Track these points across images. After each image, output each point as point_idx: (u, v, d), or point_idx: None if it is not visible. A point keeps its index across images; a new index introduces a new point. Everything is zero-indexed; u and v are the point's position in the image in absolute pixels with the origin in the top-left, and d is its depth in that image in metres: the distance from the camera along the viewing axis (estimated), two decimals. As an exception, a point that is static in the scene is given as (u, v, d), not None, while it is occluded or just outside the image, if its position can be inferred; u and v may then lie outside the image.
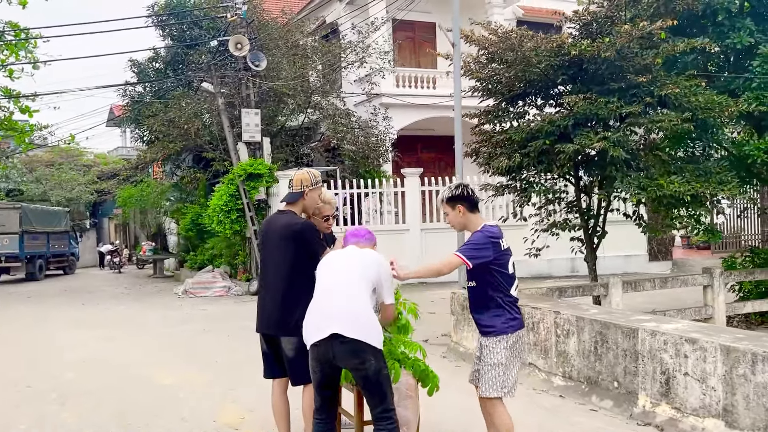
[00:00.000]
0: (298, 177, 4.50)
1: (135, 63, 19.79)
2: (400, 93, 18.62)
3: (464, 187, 4.15)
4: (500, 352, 4.02)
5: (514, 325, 4.06)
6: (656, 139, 9.11)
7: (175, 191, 20.98)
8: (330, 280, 3.93)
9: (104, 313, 13.05)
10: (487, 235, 4.02)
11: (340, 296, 3.80)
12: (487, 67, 9.09)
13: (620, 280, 8.38)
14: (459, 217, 4.11)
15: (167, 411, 5.74)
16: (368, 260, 4.00)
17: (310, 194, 4.46)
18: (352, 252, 4.07)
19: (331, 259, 4.10)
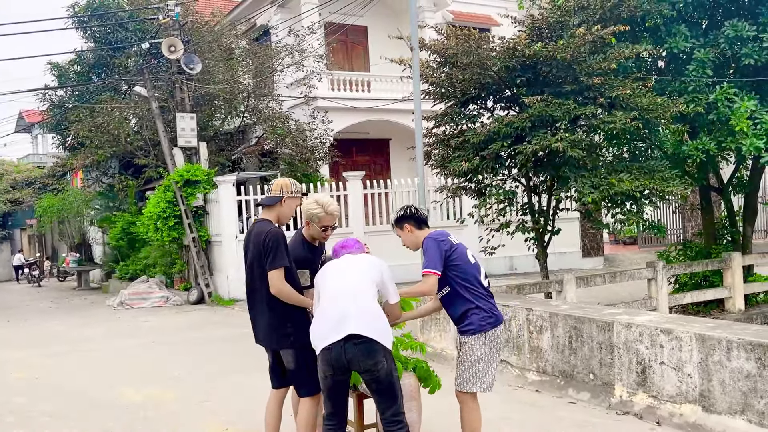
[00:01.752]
0: (278, 182, 4.36)
1: (55, 66, 18.83)
2: (335, 96, 18.56)
3: (408, 208, 4.34)
4: (479, 349, 4.06)
5: (491, 322, 4.09)
6: (597, 140, 9.50)
7: (102, 199, 20.11)
8: (334, 286, 3.90)
9: (36, 329, 12.34)
10: (434, 239, 4.11)
11: (349, 299, 3.78)
12: (439, 71, 9.24)
13: (574, 277, 8.68)
14: (409, 235, 4.25)
15: (150, 430, 5.49)
16: (367, 263, 4.01)
17: (288, 202, 4.30)
18: (350, 259, 4.06)
19: (330, 267, 4.07)
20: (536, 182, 9.44)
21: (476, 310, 4.06)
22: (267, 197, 4.35)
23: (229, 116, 17.19)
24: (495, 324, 4.11)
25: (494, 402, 5.73)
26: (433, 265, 4.01)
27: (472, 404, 4.13)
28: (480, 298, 4.09)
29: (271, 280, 4.04)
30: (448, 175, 9.20)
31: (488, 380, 4.11)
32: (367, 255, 4.14)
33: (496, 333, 4.13)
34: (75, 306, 16.38)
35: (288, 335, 4.13)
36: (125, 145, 16.56)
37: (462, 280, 4.08)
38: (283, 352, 4.19)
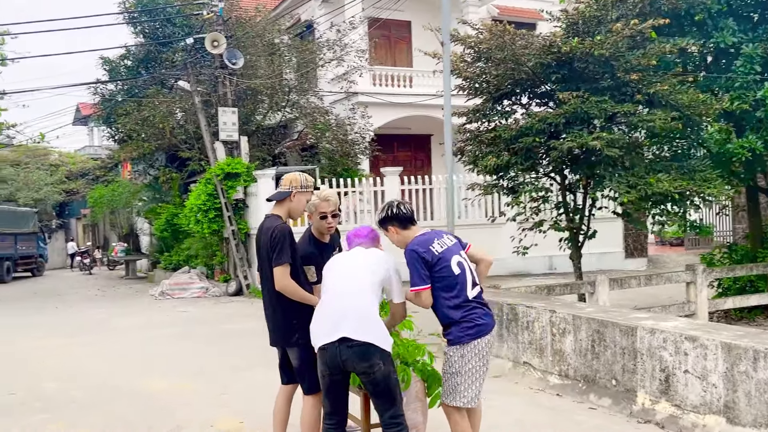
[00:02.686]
0: (288, 177, 4.32)
1: (106, 61, 19.36)
2: (376, 91, 18.58)
3: (390, 207, 4.04)
4: (457, 361, 3.83)
5: (471, 334, 3.82)
6: (638, 137, 9.20)
7: (149, 191, 20.60)
8: (337, 283, 3.85)
9: (80, 317, 12.74)
10: (415, 251, 3.86)
11: (348, 299, 3.72)
12: (473, 66, 9.10)
13: (607, 278, 8.44)
14: (395, 236, 4.03)
15: (160, 419, 5.58)
16: (374, 260, 3.92)
17: (298, 197, 4.26)
18: (358, 253, 3.99)
19: (336, 262, 4.02)
20: (571, 180, 9.21)
21: (457, 322, 3.84)
22: (276, 193, 4.34)
23: (271, 111, 17.35)
24: (476, 336, 3.83)
25: (513, 405, 5.64)
26: (420, 283, 3.82)
27: (457, 417, 3.91)
28: (461, 309, 3.83)
29: (276, 276, 4.03)
30: (480, 171, 9.06)
31: (470, 394, 3.86)
32: (377, 251, 4.07)
33: (480, 345, 3.84)
34: (120, 294, 16.84)
35: (293, 332, 4.12)
36: (170, 138, 16.90)
37: (445, 292, 3.85)
38: (289, 350, 4.19)
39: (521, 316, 6.53)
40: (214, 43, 14.82)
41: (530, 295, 7.32)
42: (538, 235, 9.24)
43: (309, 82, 18.12)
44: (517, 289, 8.11)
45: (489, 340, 3.93)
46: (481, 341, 3.86)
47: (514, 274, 15.89)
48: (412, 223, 4.04)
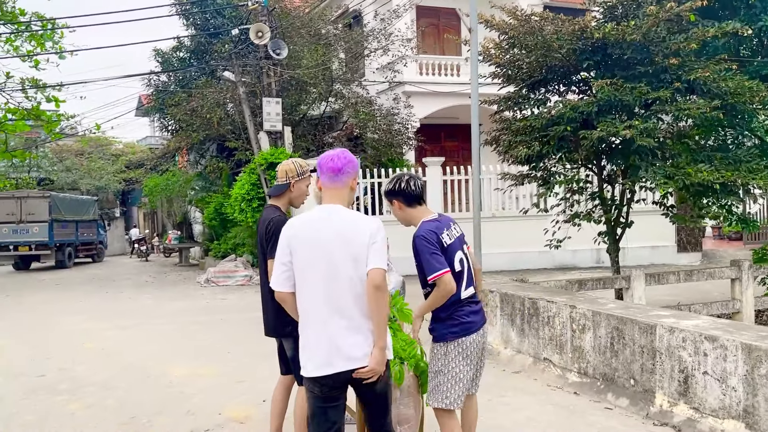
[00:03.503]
0: (282, 168, 4.20)
1: (159, 52, 19.83)
2: (423, 81, 18.41)
3: (399, 180, 3.74)
4: (439, 359, 3.67)
5: (454, 332, 3.63)
6: (685, 126, 8.79)
7: (200, 180, 21.06)
8: (313, 297, 3.07)
9: (126, 302, 13.14)
10: (425, 241, 3.57)
11: (333, 320, 3.02)
12: (509, 53, 8.87)
13: (643, 273, 8.12)
14: (399, 212, 3.76)
15: (173, 405, 5.69)
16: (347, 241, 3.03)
17: (297, 185, 4.16)
18: (325, 231, 3.06)
19: (301, 244, 3.09)
20: (609, 171, 8.89)
21: (442, 319, 3.67)
22: (274, 187, 4.26)
23: (315, 101, 17.43)
24: (461, 334, 3.63)
25: (526, 402, 5.49)
26: (440, 267, 3.51)
27: (445, 418, 3.72)
28: (450, 307, 3.63)
29: (269, 269, 4.00)
30: (512, 161, 8.84)
31: (453, 395, 3.66)
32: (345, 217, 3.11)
33: (465, 344, 3.65)
34: (169, 281, 17.30)
35: (287, 324, 4.08)
36: (217, 129, 17.18)
37: None
38: (284, 340, 4.16)
39: (542, 311, 6.34)
40: (258, 33, 14.93)
41: (554, 290, 7.10)
42: (581, 228, 8.99)
43: (354, 72, 18.09)
44: (545, 283, 7.89)
45: (476, 339, 3.71)
46: (467, 340, 3.67)
47: (559, 267, 15.54)
48: (419, 202, 3.76)
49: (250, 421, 5.19)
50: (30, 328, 10.11)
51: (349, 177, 3.21)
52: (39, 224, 22.04)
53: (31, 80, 17.58)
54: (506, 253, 15.24)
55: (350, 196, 3.27)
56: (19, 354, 8.10)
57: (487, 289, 7.23)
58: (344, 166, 3.18)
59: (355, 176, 3.25)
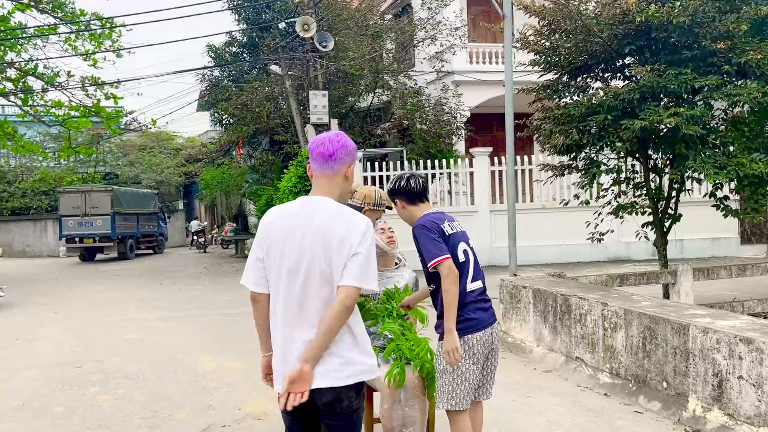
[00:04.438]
0: (362, 192, 4.21)
1: (212, 48, 20.16)
2: (473, 69, 18.10)
3: (399, 179, 3.69)
4: (441, 360, 3.53)
5: (460, 329, 3.45)
6: (741, 112, 8.27)
7: (253, 174, 21.38)
8: (276, 301, 2.73)
9: (176, 293, 13.44)
10: (423, 228, 3.47)
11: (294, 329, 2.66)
12: (549, 39, 8.55)
13: (690, 267, 7.71)
14: (402, 211, 3.71)
15: (196, 399, 5.73)
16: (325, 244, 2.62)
17: (368, 214, 4.10)
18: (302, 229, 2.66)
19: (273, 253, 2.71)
20: (656, 160, 8.46)
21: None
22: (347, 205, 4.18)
23: (363, 93, 17.37)
24: (467, 331, 3.47)
25: (551, 404, 5.28)
26: (440, 252, 3.38)
27: (457, 421, 3.58)
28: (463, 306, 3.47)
29: None
30: (550, 152, 8.53)
31: (458, 396, 3.52)
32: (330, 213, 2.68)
33: (471, 341, 3.49)
34: (222, 273, 17.62)
35: None
36: (267, 122, 17.36)
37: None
38: None
39: (574, 308, 6.08)
40: (304, 26, 14.96)
41: (589, 286, 6.81)
42: (624, 221, 8.62)
43: (402, 63, 17.93)
44: (584, 278, 7.58)
45: (482, 337, 3.55)
46: (472, 337, 3.50)
47: (613, 260, 15.05)
48: (422, 200, 3.68)
49: (268, 418, 5.17)
50: (80, 318, 10.45)
51: (342, 164, 2.76)
52: (102, 217, 22.87)
53: (91, 78, 18.18)
54: (556, 246, 14.86)
55: (344, 186, 2.84)
56: (63, 344, 8.37)
57: (520, 285, 7.00)
58: (336, 152, 2.74)
59: (350, 163, 2.81)
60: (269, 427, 4.98)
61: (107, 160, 31.70)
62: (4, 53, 17.59)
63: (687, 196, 8.87)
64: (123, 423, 5.17)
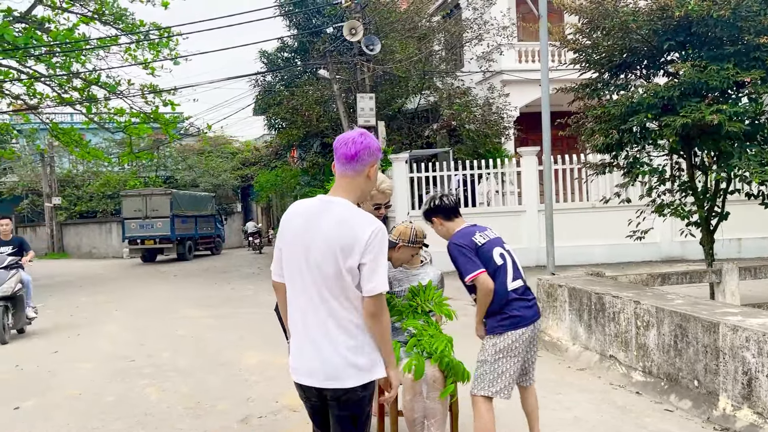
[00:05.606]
0: (399, 229, 4.25)
1: (264, 53, 20.68)
2: (522, 68, 18.00)
3: (433, 200, 4.03)
4: (487, 350, 3.81)
5: (505, 325, 3.75)
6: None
7: (305, 176, 21.80)
8: (294, 297, 2.80)
9: (229, 292, 13.89)
10: (455, 245, 3.80)
11: (306, 327, 2.74)
12: (590, 37, 8.50)
13: (736, 266, 7.55)
14: (441, 228, 4.00)
15: (237, 391, 6.00)
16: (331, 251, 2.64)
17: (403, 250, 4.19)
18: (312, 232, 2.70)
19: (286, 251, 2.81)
20: (701, 158, 8.30)
21: (493, 313, 3.80)
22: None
23: (410, 95, 17.51)
24: (510, 327, 3.75)
25: (580, 401, 5.31)
26: (474, 268, 3.71)
27: (482, 409, 3.79)
28: (499, 300, 3.75)
29: None
30: (591, 150, 8.47)
31: (498, 385, 3.77)
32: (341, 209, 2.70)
33: (514, 336, 3.76)
34: (274, 273, 18.04)
35: None
36: (317, 125, 17.70)
37: None
38: None
39: (608, 307, 6.08)
40: (351, 30, 15.22)
41: (624, 285, 6.76)
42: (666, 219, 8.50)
43: (450, 63, 17.98)
44: (623, 277, 7.53)
45: (524, 333, 3.79)
46: (514, 333, 3.76)
47: (666, 259, 14.72)
48: (456, 215, 4.01)
49: (302, 410, 5.29)
50: (137, 315, 10.97)
51: (364, 165, 2.75)
52: (162, 219, 23.74)
53: (150, 86, 18.95)
54: (607, 245, 14.62)
55: (365, 187, 2.83)
56: (120, 339, 8.83)
57: (556, 284, 7.02)
58: (359, 153, 2.71)
59: (373, 164, 2.78)
60: (303, 418, 5.16)
61: (167, 165, 32.82)
62: (70, 64, 18.50)
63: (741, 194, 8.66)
64: (167, 412, 5.48)
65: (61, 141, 20.13)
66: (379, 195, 4.33)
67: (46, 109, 20.59)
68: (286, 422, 5.17)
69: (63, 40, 16.21)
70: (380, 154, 2.90)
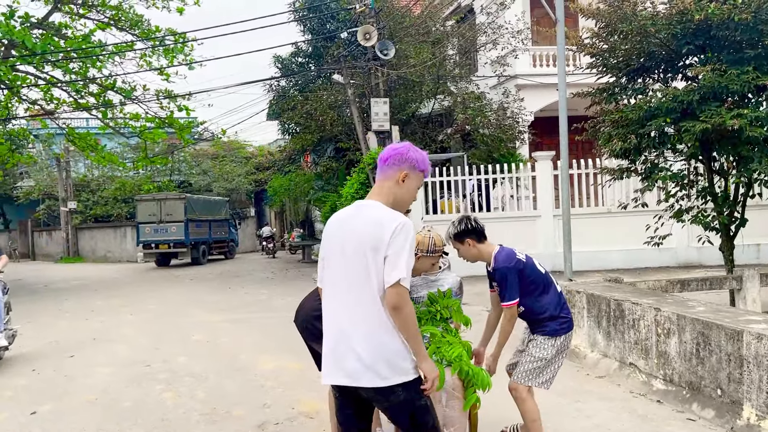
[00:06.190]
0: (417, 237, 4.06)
1: (278, 58, 20.73)
2: (537, 73, 17.94)
3: (467, 220, 4.15)
4: (547, 349, 4.14)
5: (564, 328, 4.18)
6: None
7: (318, 180, 21.83)
8: (328, 299, 2.96)
9: (244, 297, 13.90)
10: (510, 267, 4.06)
11: (340, 326, 2.86)
12: (608, 41, 8.44)
13: (757, 273, 7.45)
14: (471, 249, 4.15)
15: (253, 397, 5.98)
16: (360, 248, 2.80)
17: (422, 259, 4.12)
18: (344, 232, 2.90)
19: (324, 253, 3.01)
20: (721, 163, 8.20)
21: (555, 316, 4.17)
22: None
23: (423, 99, 17.48)
24: (568, 329, 4.19)
25: (600, 409, 5.25)
26: (516, 296, 4.07)
27: (526, 396, 4.17)
28: (558, 303, 4.19)
29: None
30: (608, 155, 8.41)
31: (544, 378, 4.18)
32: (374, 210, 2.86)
33: (568, 338, 4.20)
34: (288, 278, 18.07)
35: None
36: (331, 130, 17.71)
37: (541, 290, 4.16)
38: None
39: (627, 314, 6.01)
40: (366, 35, 15.22)
41: (644, 291, 6.68)
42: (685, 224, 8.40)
43: (464, 68, 17.95)
44: (642, 283, 7.44)
45: (571, 333, 4.26)
46: (569, 333, 4.20)
47: (683, 265, 14.55)
48: (486, 236, 4.18)
49: (319, 416, 5.35)
50: (153, 320, 11.00)
51: (393, 169, 2.94)
52: (176, 224, 23.83)
53: (165, 91, 19.05)
54: (624, 251, 14.49)
55: (398, 193, 2.96)
56: (136, 344, 8.84)
57: (574, 290, 6.95)
58: (390, 157, 2.95)
59: (403, 170, 2.94)
60: (319, 426, 5.16)
61: (182, 169, 32.98)
62: (87, 70, 18.66)
63: (762, 199, 8.55)
64: (184, 418, 5.47)
65: (77, 146, 20.26)
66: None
67: (62, 114, 20.75)
68: (303, 429, 5.14)
69: (80, 46, 16.34)
70: (419, 166, 3.01)
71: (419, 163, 2.98)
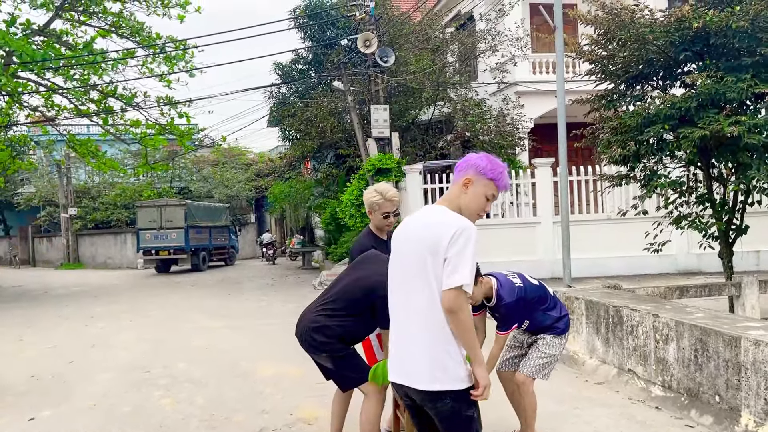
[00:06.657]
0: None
1: (279, 65, 20.79)
2: (536, 80, 17.97)
3: None
4: (557, 347, 4.50)
5: (568, 325, 4.59)
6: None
7: (318, 187, 21.86)
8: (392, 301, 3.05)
9: (244, 303, 13.92)
10: (517, 301, 4.27)
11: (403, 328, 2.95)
12: (606, 48, 8.48)
13: (756, 279, 7.46)
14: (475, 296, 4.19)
15: (252, 403, 5.98)
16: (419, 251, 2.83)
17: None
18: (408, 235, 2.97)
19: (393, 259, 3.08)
20: (720, 170, 8.22)
21: (561, 317, 4.53)
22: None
23: (423, 106, 17.53)
24: (569, 328, 4.62)
25: (599, 416, 5.25)
26: (507, 328, 4.35)
27: (531, 388, 4.49)
28: (558, 306, 4.55)
29: None
30: (607, 162, 8.43)
31: (548, 370, 4.53)
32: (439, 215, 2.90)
33: (567, 337, 4.62)
34: (287, 284, 18.08)
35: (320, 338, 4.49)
36: (331, 137, 17.76)
37: (542, 301, 4.45)
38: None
39: (626, 320, 6.02)
40: (366, 42, 15.30)
41: (642, 298, 6.69)
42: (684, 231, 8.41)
43: (464, 75, 18.00)
44: (642, 289, 7.45)
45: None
46: (567, 334, 4.62)
47: (683, 272, 14.54)
48: (481, 274, 4.22)
49: (317, 422, 5.36)
50: (153, 326, 11.00)
51: (459, 175, 3.01)
52: (176, 230, 23.86)
53: (165, 98, 19.13)
54: (623, 257, 14.47)
55: (463, 198, 2.97)
56: (136, 350, 8.85)
57: (573, 296, 6.96)
58: (461, 164, 3.04)
59: (468, 175, 2.97)
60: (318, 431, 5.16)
61: (182, 176, 33.02)
62: (88, 77, 18.73)
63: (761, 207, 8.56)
64: (182, 424, 5.47)
65: (77, 152, 20.32)
66: (387, 203, 4.58)
67: (63, 120, 20.83)
68: (301, 435, 5.14)
69: (82, 54, 16.40)
70: (487, 174, 2.97)
71: (487, 171, 2.96)
